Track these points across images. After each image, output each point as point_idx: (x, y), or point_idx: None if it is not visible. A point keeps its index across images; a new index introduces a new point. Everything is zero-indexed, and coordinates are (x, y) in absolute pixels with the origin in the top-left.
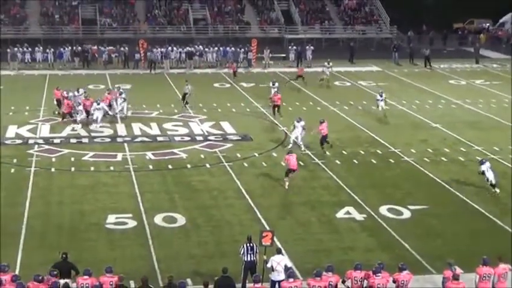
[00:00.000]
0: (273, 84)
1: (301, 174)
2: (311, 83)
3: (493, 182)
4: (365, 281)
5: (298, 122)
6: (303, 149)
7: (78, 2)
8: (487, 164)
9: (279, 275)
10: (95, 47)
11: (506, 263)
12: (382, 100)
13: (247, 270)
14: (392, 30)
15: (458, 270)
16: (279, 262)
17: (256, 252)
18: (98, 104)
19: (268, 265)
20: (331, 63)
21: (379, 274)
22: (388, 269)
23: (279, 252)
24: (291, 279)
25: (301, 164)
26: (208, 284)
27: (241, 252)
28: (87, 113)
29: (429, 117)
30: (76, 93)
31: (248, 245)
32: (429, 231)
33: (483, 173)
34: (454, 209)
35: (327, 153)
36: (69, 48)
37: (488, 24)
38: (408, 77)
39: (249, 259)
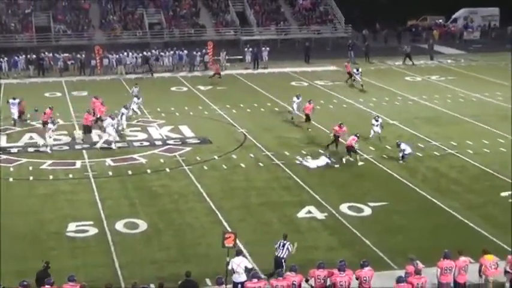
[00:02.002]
0: (298, 98)
1: (261, 176)
2: (271, 84)
3: (406, 153)
4: (328, 279)
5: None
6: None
7: (31, 10)
8: (379, 122)
9: (239, 277)
10: (50, 55)
11: (466, 256)
12: (378, 125)
13: (275, 264)
14: (347, 29)
15: (420, 265)
16: (239, 264)
17: (285, 250)
18: (113, 119)
19: (229, 267)
20: (360, 69)
21: (343, 272)
22: (351, 266)
23: (238, 253)
24: (255, 280)
25: (261, 165)
26: (163, 286)
27: (275, 247)
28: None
29: (386, 114)
30: (12, 100)
31: (282, 242)
32: (390, 227)
33: (400, 150)
34: (414, 204)
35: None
36: (24, 56)
37: (441, 21)
38: (364, 75)
39: (276, 254)
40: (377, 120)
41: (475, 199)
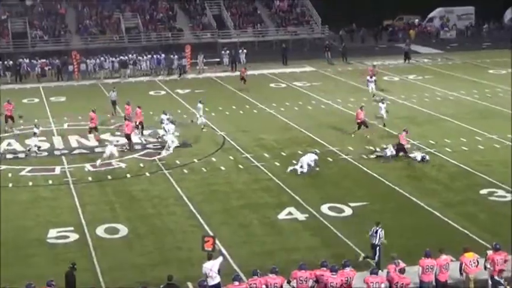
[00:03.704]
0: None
1: (241, 178)
2: (249, 86)
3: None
4: (319, 280)
5: None
6: None
7: (7, 16)
8: (385, 104)
9: (213, 280)
10: (27, 60)
11: (447, 254)
12: (384, 108)
13: (373, 250)
14: (324, 30)
15: (402, 264)
16: (211, 268)
17: (378, 237)
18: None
19: (203, 272)
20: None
21: (335, 273)
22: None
23: (209, 258)
24: (236, 283)
25: (241, 167)
26: None
27: (370, 234)
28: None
29: (365, 114)
30: None
31: (375, 228)
32: (371, 227)
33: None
34: (395, 204)
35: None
36: (0, 62)
37: (417, 20)
38: (342, 75)
39: (372, 242)
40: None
41: (454, 197)
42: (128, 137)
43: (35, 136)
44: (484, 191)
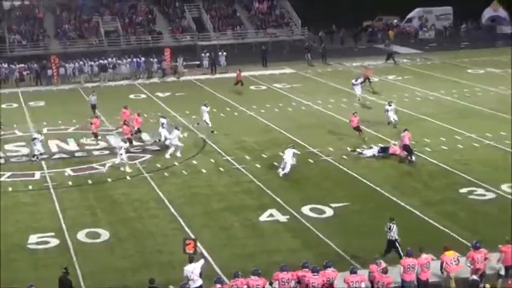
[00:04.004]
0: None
1: (222, 180)
2: (229, 88)
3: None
4: (293, 281)
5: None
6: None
7: None
8: (392, 106)
9: (195, 283)
10: (5, 65)
11: (428, 253)
12: (391, 110)
13: (388, 246)
14: (303, 32)
15: (383, 264)
16: (193, 271)
17: (392, 232)
18: (179, 130)
19: (184, 275)
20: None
21: (316, 274)
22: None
23: (190, 261)
24: (218, 285)
25: (222, 170)
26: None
27: (386, 230)
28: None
29: (345, 115)
30: None
31: (389, 224)
32: (352, 227)
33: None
34: (375, 203)
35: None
36: None
37: (396, 21)
38: (322, 76)
39: (388, 237)
40: (390, 105)
41: (434, 196)
42: (130, 140)
43: (37, 142)
44: (463, 190)
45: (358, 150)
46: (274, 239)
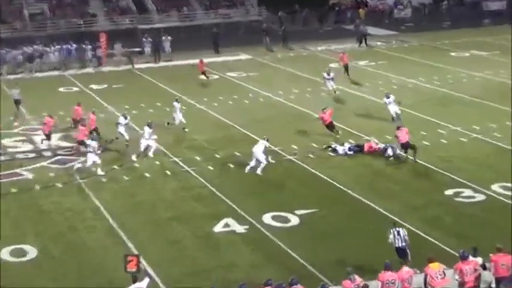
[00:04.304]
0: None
1: (169, 186)
2: (176, 78)
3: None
4: None
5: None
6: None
7: None
8: (392, 98)
9: None
10: None
11: (410, 266)
12: (392, 103)
13: (399, 255)
14: (261, 12)
15: (358, 279)
16: None
17: (402, 237)
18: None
19: None
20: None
21: None
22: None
23: (134, 280)
24: None
25: (168, 173)
26: None
27: (390, 238)
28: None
29: (310, 107)
30: None
31: (395, 230)
32: (321, 237)
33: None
34: (347, 209)
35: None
36: None
37: None
38: (283, 63)
39: (397, 245)
40: (388, 97)
41: (416, 199)
42: (82, 143)
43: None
44: (449, 192)
45: (333, 146)
46: (232, 253)
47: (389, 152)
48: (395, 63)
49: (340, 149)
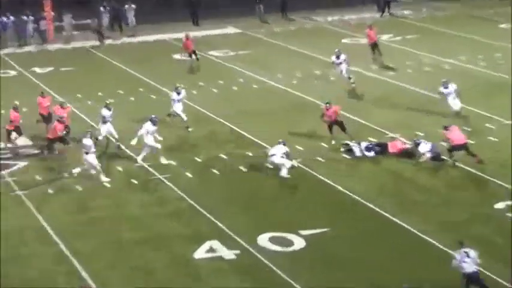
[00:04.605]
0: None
1: (136, 198)
2: (143, 59)
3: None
4: None
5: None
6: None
7: None
8: (452, 87)
9: None
10: None
11: None
12: (452, 93)
13: (471, 281)
14: None
15: None
16: None
17: (473, 260)
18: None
19: None
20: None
21: None
22: None
23: None
24: None
25: (135, 182)
26: None
27: (456, 262)
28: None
29: (317, 95)
30: None
31: (462, 251)
32: (333, 263)
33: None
34: (368, 227)
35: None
36: None
37: None
38: (282, 38)
39: (465, 271)
40: (446, 87)
41: (455, 214)
42: (54, 141)
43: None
44: (500, 205)
45: (348, 145)
46: (217, 284)
47: (423, 150)
48: (427, 37)
49: (357, 150)
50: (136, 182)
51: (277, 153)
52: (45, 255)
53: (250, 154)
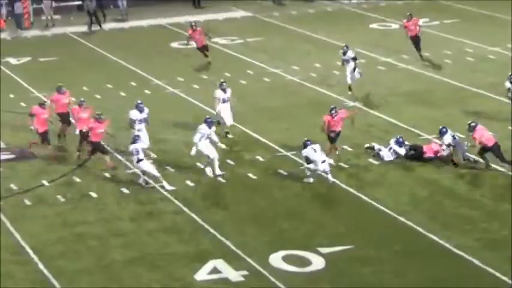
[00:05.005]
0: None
1: (127, 210)
2: (136, 47)
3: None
4: None
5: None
6: None
7: None
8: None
9: None
10: None
11: None
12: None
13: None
14: None
15: None
16: None
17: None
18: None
19: None
20: (350, 51)
21: None
22: None
23: None
24: None
25: (126, 191)
26: None
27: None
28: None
29: (339, 90)
30: None
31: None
32: (357, 286)
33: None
34: (398, 246)
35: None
36: None
37: None
38: (298, 23)
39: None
40: (344, 54)
41: (501, 229)
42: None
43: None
44: None
45: (376, 147)
46: None
47: (447, 141)
48: (469, 22)
49: (385, 154)
50: (127, 191)
51: (311, 155)
52: (21, 277)
53: (261, 159)
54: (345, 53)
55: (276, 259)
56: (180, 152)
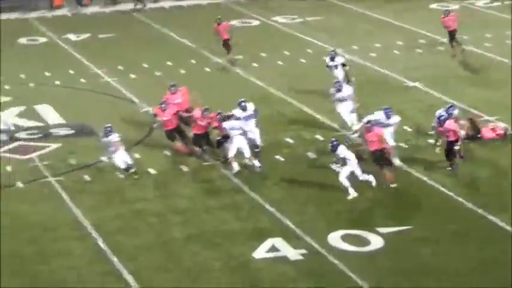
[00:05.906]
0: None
1: (186, 188)
2: (195, 24)
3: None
4: None
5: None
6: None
7: None
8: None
9: None
10: None
11: None
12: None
13: None
14: None
15: None
16: None
17: None
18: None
19: None
20: (337, 58)
21: None
22: None
23: None
24: None
25: (185, 169)
26: None
27: None
28: None
29: (400, 70)
30: None
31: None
32: (413, 266)
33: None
34: (457, 226)
35: None
36: None
37: None
38: (358, 3)
39: None
40: (333, 59)
41: None
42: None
43: None
44: None
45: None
46: None
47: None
48: None
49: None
50: (186, 168)
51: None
52: (80, 253)
53: (321, 138)
54: (332, 59)
55: (335, 238)
56: None
